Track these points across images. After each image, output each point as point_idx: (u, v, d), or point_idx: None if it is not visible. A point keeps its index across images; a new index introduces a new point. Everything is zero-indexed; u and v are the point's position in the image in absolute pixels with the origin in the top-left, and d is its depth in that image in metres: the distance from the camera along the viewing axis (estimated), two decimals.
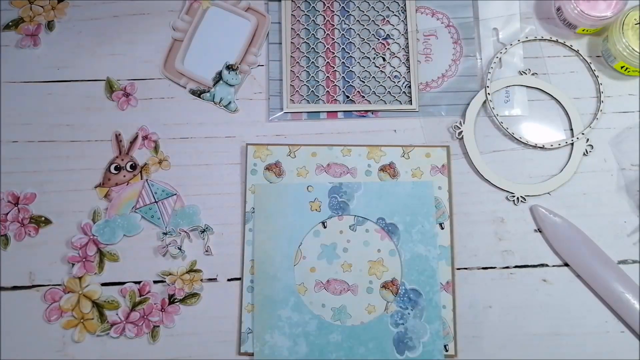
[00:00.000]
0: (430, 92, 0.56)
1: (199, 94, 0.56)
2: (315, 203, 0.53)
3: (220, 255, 0.52)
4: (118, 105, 0.56)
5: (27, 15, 0.58)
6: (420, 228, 0.52)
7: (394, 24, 0.58)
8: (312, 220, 0.52)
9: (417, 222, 0.52)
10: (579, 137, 0.54)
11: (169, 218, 0.53)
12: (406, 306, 0.51)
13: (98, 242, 0.52)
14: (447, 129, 0.55)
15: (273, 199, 0.52)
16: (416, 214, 0.52)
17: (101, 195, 0.53)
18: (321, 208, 0.53)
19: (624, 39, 0.52)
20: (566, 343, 0.50)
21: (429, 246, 0.52)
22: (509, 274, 0.52)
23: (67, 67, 0.57)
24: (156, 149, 0.55)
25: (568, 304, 0.51)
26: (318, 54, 0.57)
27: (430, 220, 0.52)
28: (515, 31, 0.57)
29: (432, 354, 0.50)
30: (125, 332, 0.51)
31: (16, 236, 0.53)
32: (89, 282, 0.52)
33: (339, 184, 0.53)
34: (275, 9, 0.58)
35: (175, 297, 0.51)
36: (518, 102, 0.55)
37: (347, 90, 0.56)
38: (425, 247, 0.51)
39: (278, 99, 0.56)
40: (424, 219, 0.52)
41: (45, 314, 0.51)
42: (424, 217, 0.52)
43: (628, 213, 0.53)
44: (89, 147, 0.55)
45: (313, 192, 0.53)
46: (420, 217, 0.52)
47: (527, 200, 0.53)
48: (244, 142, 0.55)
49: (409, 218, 0.52)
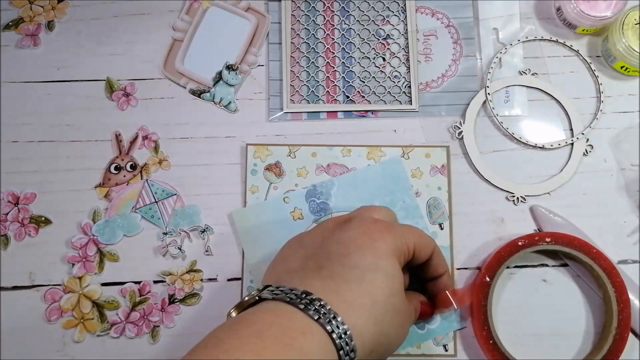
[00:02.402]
0: (430, 92, 0.56)
1: (199, 94, 0.56)
2: (295, 212, 0.52)
3: (220, 255, 0.52)
4: (118, 105, 0.56)
5: (27, 15, 0.58)
6: (402, 204, 0.52)
7: (394, 24, 0.58)
8: (298, 229, 0.51)
9: (398, 200, 0.52)
10: (579, 137, 0.54)
11: (169, 218, 0.53)
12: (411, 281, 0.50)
13: (98, 242, 0.52)
14: (447, 129, 0.55)
15: (253, 221, 0.52)
16: (394, 192, 0.53)
17: (101, 195, 0.54)
18: (303, 215, 0.52)
19: (624, 39, 0.52)
20: (566, 343, 0.50)
21: (416, 218, 0.52)
22: (509, 274, 0.52)
23: (67, 67, 0.57)
24: (156, 149, 0.55)
25: (568, 304, 0.51)
26: (318, 54, 0.57)
27: (409, 194, 0.53)
28: (515, 31, 0.57)
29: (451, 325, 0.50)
30: (125, 332, 0.51)
31: (16, 236, 0.53)
32: (89, 282, 0.52)
33: (313, 187, 0.53)
34: (275, 9, 0.58)
35: (175, 297, 0.51)
36: (518, 102, 0.55)
37: (347, 90, 0.56)
38: (412, 221, 0.52)
39: (278, 99, 0.56)
40: (403, 194, 0.53)
41: (45, 314, 0.51)
42: (403, 192, 0.53)
43: (628, 213, 0.53)
44: (89, 147, 0.55)
45: (290, 202, 0.53)
46: (399, 194, 0.53)
47: (527, 200, 0.53)
48: (244, 142, 0.55)
49: (388, 198, 0.52)
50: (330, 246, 0.40)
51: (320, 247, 0.41)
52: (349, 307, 0.36)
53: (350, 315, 0.36)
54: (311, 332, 0.34)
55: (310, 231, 0.43)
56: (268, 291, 0.38)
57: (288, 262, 0.41)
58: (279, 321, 0.35)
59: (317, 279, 0.38)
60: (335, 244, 0.40)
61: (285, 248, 0.44)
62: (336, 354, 0.35)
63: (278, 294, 0.37)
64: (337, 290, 0.37)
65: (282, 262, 0.42)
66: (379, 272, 0.38)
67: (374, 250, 0.39)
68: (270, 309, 0.36)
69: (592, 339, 0.50)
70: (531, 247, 0.49)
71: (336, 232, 0.41)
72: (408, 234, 0.42)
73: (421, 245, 0.42)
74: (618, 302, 0.48)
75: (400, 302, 0.39)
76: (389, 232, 0.40)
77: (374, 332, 0.37)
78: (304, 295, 0.36)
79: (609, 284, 0.48)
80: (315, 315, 0.35)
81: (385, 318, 0.38)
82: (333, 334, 0.35)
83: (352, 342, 0.35)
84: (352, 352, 0.35)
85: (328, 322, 0.35)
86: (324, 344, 0.35)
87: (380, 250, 0.39)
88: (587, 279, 0.51)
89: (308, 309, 0.35)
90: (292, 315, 0.35)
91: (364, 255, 0.39)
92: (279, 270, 0.41)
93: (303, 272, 0.39)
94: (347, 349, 0.35)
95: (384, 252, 0.39)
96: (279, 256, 0.43)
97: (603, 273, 0.48)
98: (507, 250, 0.49)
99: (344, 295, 0.37)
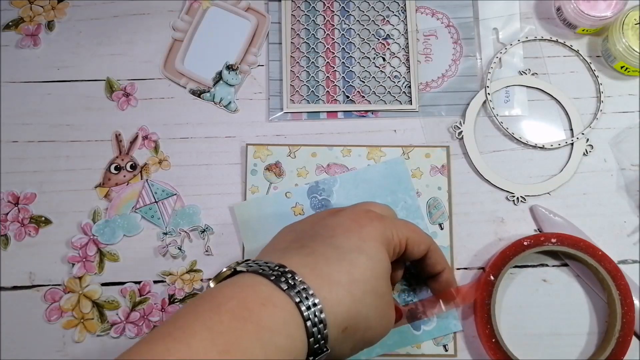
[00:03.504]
0: (430, 92, 0.56)
1: (199, 94, 0.56)
2: (297, 208, 0.53)
3: (220, 255, 0.52)
4: (118, 105, 0.56)
5: (27, 15, 0.58)
6: (403, 204, 0.52)
7: (394, 24, 0.58)
8: None
9: (399, 200, 0.52)
10: (579, 137, 0.54)
11: (169, 218, 0.53)
12: (410, 282, 0.50)
13: (98, 242, 0.52)
14: (447, 129, 0.55)
15: (254, 214, 0.52)
16: (396, 192, 0.53)
17: (101, 195, 0.54)
18: (304, 211, 0.52)
19: (624, 39, 0.52)
20: (566, 343, 0.50)
21: (417, 219, 0.52)
22: (509, 273, 0.52)
23: (67, 67, 0.57)
24: (156, 149, 0.55)
25: (568, 304, 0.51)
26: (318, 54, 0.57)
27: (411, 194, 0.52)
28: (515, 31, 0.57)
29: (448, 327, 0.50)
30: (126, 332, 0.51)
31: (16, 236, 0.53)
32: (89, 282, 0.52)
33: (316, 183, 0.53)
34: (275, 9, 0.58)
35: (176, 297, 0.51)
36: (518, 102, 0.55)
37: (347, 90, 0.56)
38: (413, 222, 0.51)
39: (278, 99, 0.56)
40: (404, 194, 0.52)
41: (45, 314, 0.51)
42: (404, 192, 0.52)
43: (628, 213, 0.53)
44: (89, 147, 0.55)
45: (292, 197, 0.53)
46: (401, 194, 0.52)
47: (527, 200, 0.53)
48: (244, 142, 0.55)
49: (390, 198, 0.52)
50: (318, 229, 0.40)
51: (309, 230, 0.41)
52: (323, 281, 0.36)
53: (322, 289, 0.35)
54: (273, 303, 0.34)
55: (303, 219, 0.44)
56: (244, 264, 0.37)
57: (275, 244, 0.42)
58: (241, 294, 0.34)
59: (296, 256, 0.38)
60: (322, 228, 0.40)
61: (277, 234, 0.44)
62: (304, 326, 0.34)
63: (252, 266, 0.36)
64: (314, 266, 0.36)
65: (270, 245, 0.42)
66: (362, 254, 0.38)
67: (360, 234, 0.39)
68: (236, 282, 0.36)
69: (592, 339, 0.50)
70: (537, 248, 0.49)
71: (327, 218, 0.41)
72: (401, 227, 0.41)
73: (414, 241, 0.42)
74: (622, 304, 0.48)
75: (383, 287, 0.38)
76: (378, 221, 0.40)
77: (350, 308, 0.36)
78: (277, 267, 0.36)
79: (613, 286, 0.48)
80: (285, 286, 0.34)
81: (365, 298, 0.37)
82: (301, 304, 0.34)
83: (321, 314, 0.34)
84: (321, 323, 0.34)
85: (297, 293, 0.34)
86: (290, 315, 0.34)
87: (367, 235, 0.39)
88: (588, 279, 0.51)
89: (279, 281, 0.35)
90: (258, 287, 0.35)
91: (349, 238, 0.38)
92: (265, 251, 0.42)
93: (285, 250, 0.39)
94: (315, 320, 0.34)
95: (370, 236, 0.39)
96: (270, 241, 0.43)
97: (608, 275, 0.48)
98: (512, 250, 0.49)
99: (320, 271, 0.36)
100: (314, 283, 0.35)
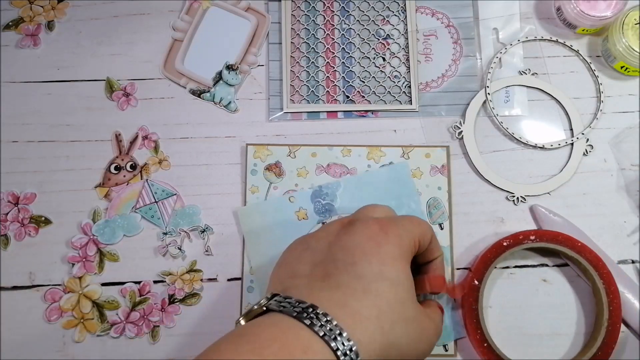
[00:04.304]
0: (430, 92, 0.56)
1: (199, 94, 0.56)
2: (300, 212, 0.52)
3: (220, 255, 0.52)
4: (118, 105, 0.56)
5: (27, 15, 0.58)
6: (407, 209, 0.52)
7: (394, 24, 0.58)
8: (302, 230, 0.52)
9: (403, 204, 0.52)
10: (579, 137, 0.54)
11: (169, 218, 0.53)
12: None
13: (98, 242, 0.52)
14: (447, 129, 0.55)
15: (258, 219, 0.52)
16: (400, 197, 0.52)
17: (101, 195, 0.54)
18: (308, 215, 0.52)
19: (624, 39, 0.52)
20: (566, 343, 0.50)
21: None
22: (509, 274, 0.52)
23: (67, 67, 0.57)
24: (156, 149, 0.55)
25: (568, 304, 0.51)
26: (318, 54, 0.57)
27: (415, 199, 0.52)
28: (515, 31, 0.57)
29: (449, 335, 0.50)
30: (125, 332, 0.51)
31: (16, 236, 0.53)
32: (89, 282, 0.52)
33: (319, 187, 0.53)
34: (275, 9, 0.58)
35: (175, 297, 0.51)
36: (518, 102, 0.55)
37: (347, 90, 0.56)
38: None
39: (278, 99, 0.56)
40: (408, 199, 0.52)
41: (45, 314, 0.51)
42: (408, 197, 0.52)
43: (628, 213, 0.53)
44: (89, 147, 0.55)
45: (295, 201, 0.53)
46: (405, 199, 0.52)
47: (527, 200, 0.53)
48: (244, 142, 0.55)
49: (394, 202, 0.52)
50: (337, 253, 0.40)
51: (327, 252, 0.40)
52: (355, 320, 0.36)
53: (356, 330, 0.36)
54: (313, 351, 0.34)
55: (315, 233, 0.43)
56: (275, 302, 0.37)
57: (293, 266, 0.41)
58: (281, 338, 0.34)
59: (324, 290, 0.38)
60: (341, 251, 0.40)
61: (290, 250, 0.43)
62: None
63: (285, 307, 0.36)
64: (344, 303, 0.37)
65: (287, 266, 0.42)
66: (385, 280, 0.38)
67: (379, 255, 0.39)
68: (274, 323, 0.36)
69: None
70: (516, 247, 0.49)
71: (342, 237, 0.41)
72: (411, 228, 0.42)
73: (423, 235, 0.43)
74: (607, 293, 0.48)
75: (409, 309, 0.39)
76: (393, 233, 0.40)
77: (381, 343, 0.36)
78: (310, 309, 0.36)
79: (596, 276, 0.48)
80: (321, 332, 0.35)
81: (394, 328, 0.37)
82: (338, 351, 0.34)
83: (357, 359, 0.35)
84: None
85: (334, 338, 0.35)
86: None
87: (386, 255, 0.39)
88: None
89: (314, 325, 0.35)
90: (296, 331, 0.35)
91: (370, 262, 0.38)
92: (284, 276, 0.41)
93: (310, 281, 0.39)
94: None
95: (389, 256, 0.39)
96: (284, 259, 0.43)
97: (590, 265, 0.48)
98: (492, 252, 0.49)
99: (352, 308, 0.36)
100: (346, 323, 0.36)
